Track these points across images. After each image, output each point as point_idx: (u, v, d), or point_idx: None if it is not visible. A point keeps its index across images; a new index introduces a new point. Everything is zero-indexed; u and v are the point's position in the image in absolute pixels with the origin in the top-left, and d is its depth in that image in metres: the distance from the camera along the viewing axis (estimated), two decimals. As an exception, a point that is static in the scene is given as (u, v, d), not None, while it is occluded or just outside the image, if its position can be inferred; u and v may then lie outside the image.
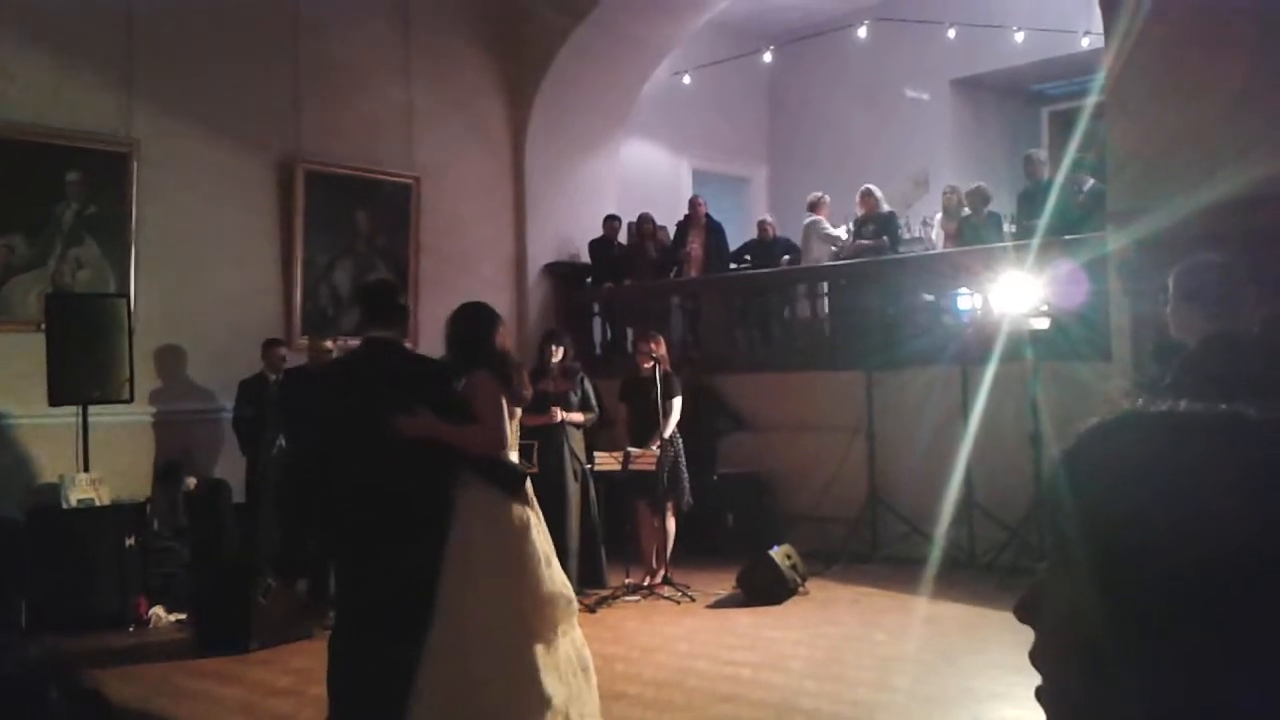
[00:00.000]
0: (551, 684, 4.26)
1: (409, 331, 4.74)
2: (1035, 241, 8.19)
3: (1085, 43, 11.28)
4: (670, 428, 7.88)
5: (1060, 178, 8.96)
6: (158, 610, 7.46)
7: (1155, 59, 6.98)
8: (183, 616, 7.40)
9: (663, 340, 8.22)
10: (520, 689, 4.21)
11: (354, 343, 5.75)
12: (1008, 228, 9.74)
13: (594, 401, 8.13)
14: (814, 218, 10.92)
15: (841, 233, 10.89)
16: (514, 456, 4.67)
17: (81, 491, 7.49)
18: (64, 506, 7.40)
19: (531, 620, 4.32)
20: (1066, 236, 8.20)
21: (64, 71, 8.45)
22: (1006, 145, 12.89)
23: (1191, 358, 3.63)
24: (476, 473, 4.40)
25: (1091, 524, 0.70)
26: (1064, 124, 12.98)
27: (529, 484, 4.59)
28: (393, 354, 4.51)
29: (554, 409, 7.67)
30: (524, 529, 4.41)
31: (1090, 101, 8.87)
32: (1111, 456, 0.72)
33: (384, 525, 4.33)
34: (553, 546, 4.56)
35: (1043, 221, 8.48)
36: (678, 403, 7.95)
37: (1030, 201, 9.26)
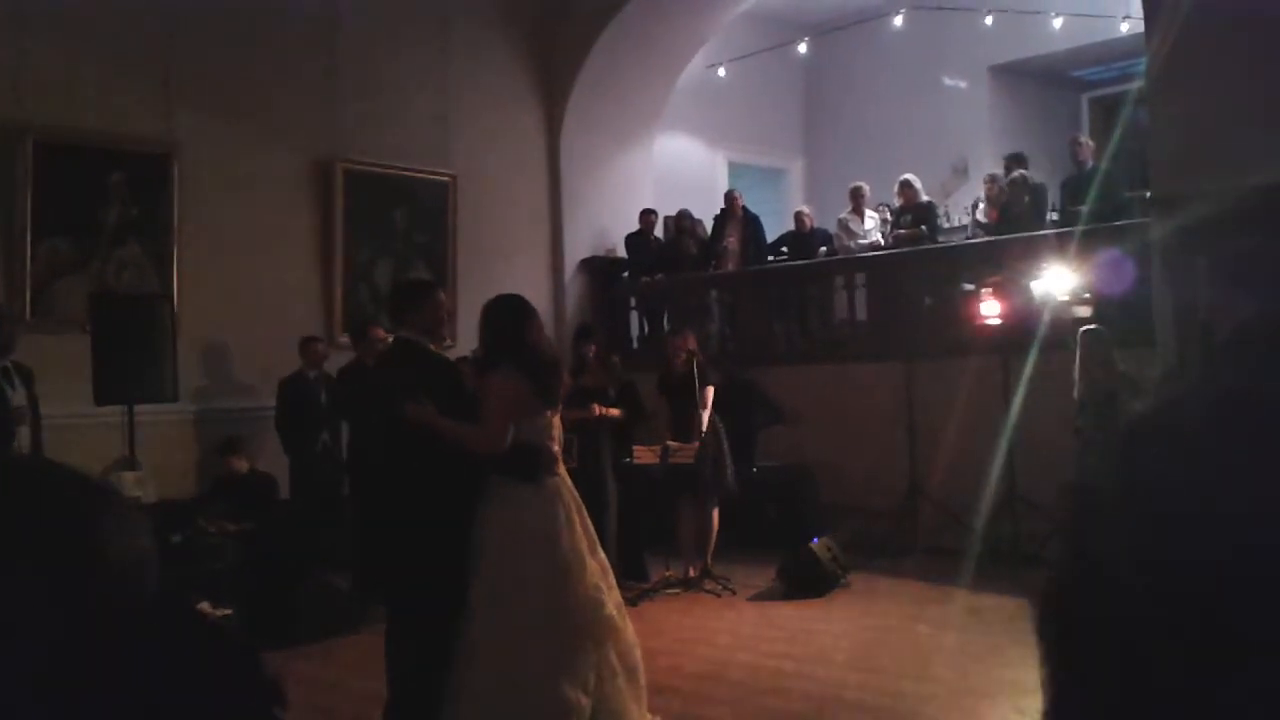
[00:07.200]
0: (576, 694, 4.21)
1: (435, 328, 4.70)
2: (1078, 229, 8.10)
3: (1125, 28, 11.13)
4: (706, 417, 7.85)
5: (1104, 164, 8.86)
6: (204, 606, 7.54)
7: (1198, 41, 6.87)
8: (229, 612, 7.47)
9: (692, 336, 8.18)
10: (544, 694, 4.17)
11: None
12: (1050, 215, 9.65)
13: (635, 396, 8.13)
14: (842, 214, 10.89)
15: (869, 224, 10.82)
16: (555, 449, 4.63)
17: (128, 489, 7.59)
18: (111, 504, 7.50)
19: (563, 624, 4.27)
20: (1110, 223, 8.10)
21: (106, 75, 8.56)
22: (1047, 132, 12.73)
23: (1230, 346, 3.55)
24: (495, 469, 4.37)
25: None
26: (1105, 110, 12.84)
27: (569, 482, 4.55)
28: (409, 354, 4.53)
29: (593, 405, 7.68)
30: (556, 531, 4.35)
31: (1132, 87, 8.76)
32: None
33: (401, 519, 4.38)
34: (588, 545, 4.46)
35: (1086, 208, 8.39)
36: (710, 392, 7.90)
37: (1074, 188, 9.16)
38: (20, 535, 0.78)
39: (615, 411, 7.88)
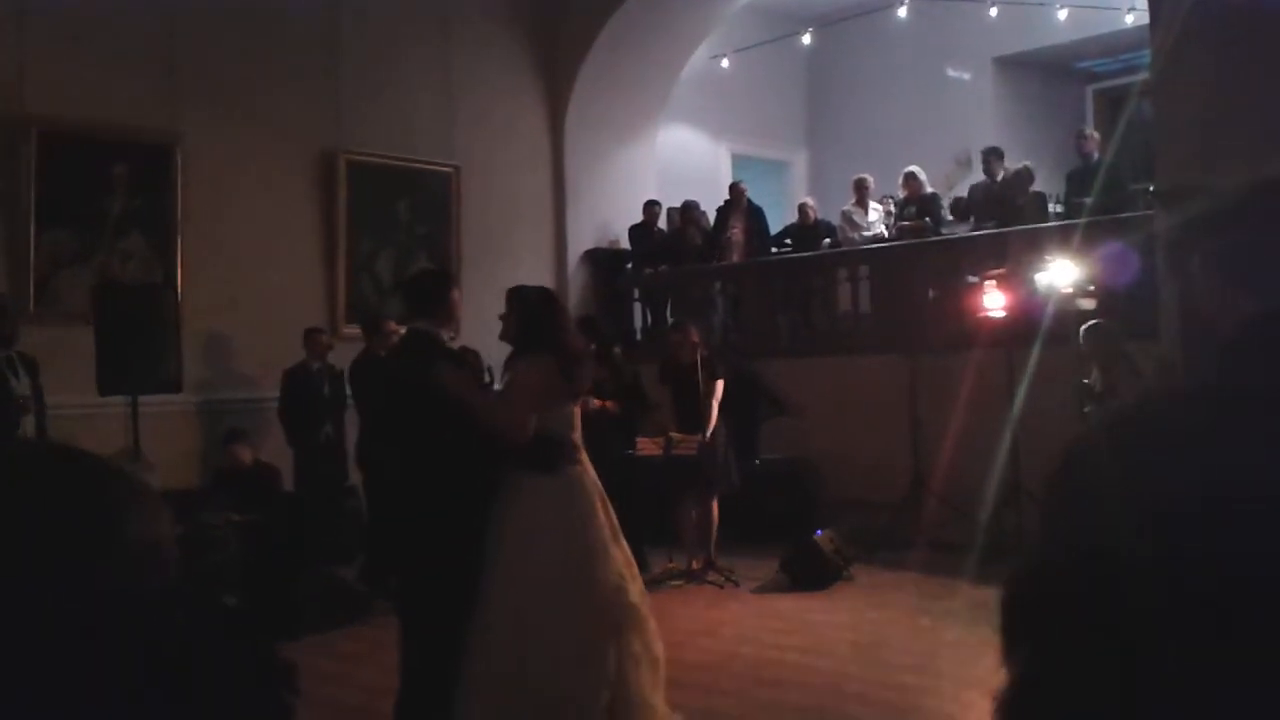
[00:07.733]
0: (593, 685, 4.19)
1: (451, 321, 4.70)
2: (1081, 221, 8.08)
3: (1130, 19, 11.10)
4: (715, 411, 7.85)
5: (1109, 157, 8.85)
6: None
7: (1203, 33, 6.84)
8: (232, 602, 7.48)
9: (694, 329, 8.17)
10: (560, 686, 4.16)
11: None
12: (1054, 207, 9.63)
13: (639, 388, 8.13)
14: (846, 206, 10.88)
15: (873, 216, 10.81)
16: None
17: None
18: (115, 495, 7.50)
19: (581, 615, 4.25)
20: (1115, 216, 8.09)
21: (109, 67, 8.55)
22: (1051, 124, 12.71)
23: (1232, 343, 3.53)
24: (514, 460, 4.37)
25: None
26: (1110, 102, 12.81)
27: (592, 472, 4.50)
28: (423, 345, 4.52)
29: (589, 398, 7.67)
30: (575, 522, 4.33)
31: (1137, 79, 8.74)
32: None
33: (415, 510, 4.37)
34: (612, 534, 4.44)
35: (1091, 200, 8.38)
36: (719, 385, 7.91)
37: (1079, 180, 9.15)
38: (37, 522, 0.78)
39: (610, 404, 7.87)
